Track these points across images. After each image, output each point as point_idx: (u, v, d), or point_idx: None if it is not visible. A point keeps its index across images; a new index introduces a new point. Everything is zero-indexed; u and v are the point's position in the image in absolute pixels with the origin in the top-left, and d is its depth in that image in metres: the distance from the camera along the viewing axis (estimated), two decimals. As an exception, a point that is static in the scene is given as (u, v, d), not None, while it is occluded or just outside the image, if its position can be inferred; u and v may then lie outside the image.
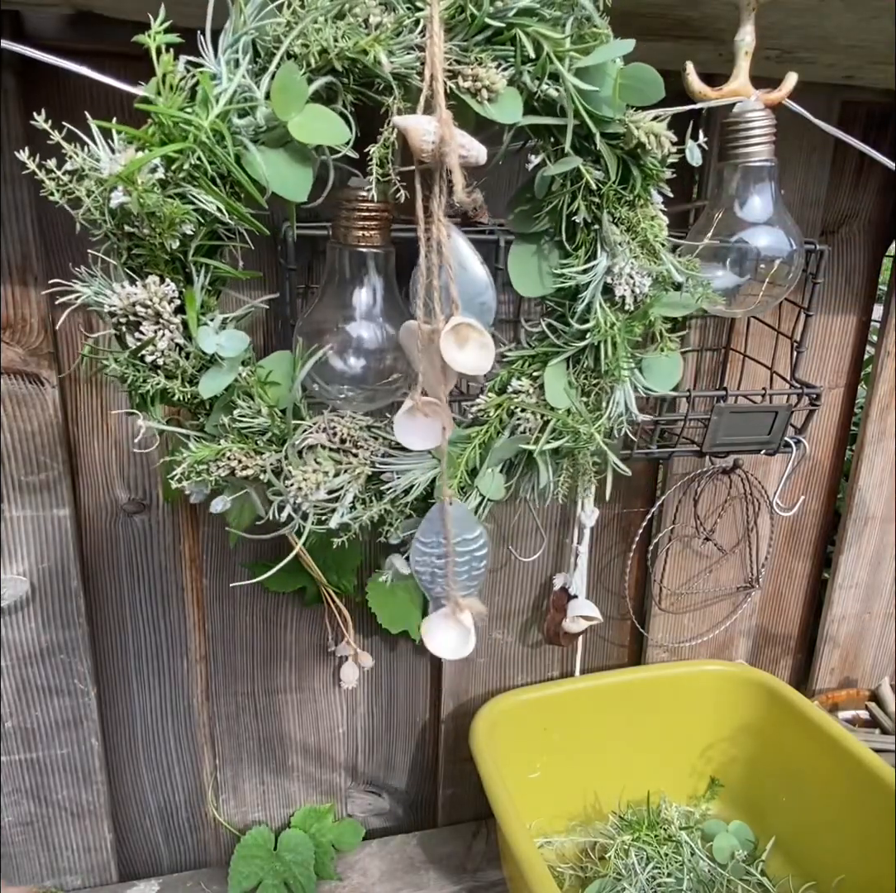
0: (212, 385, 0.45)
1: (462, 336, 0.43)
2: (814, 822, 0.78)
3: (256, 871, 0.76)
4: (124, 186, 0.39)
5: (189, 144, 0.39)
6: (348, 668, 0.75)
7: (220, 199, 0.41)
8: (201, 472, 0.46)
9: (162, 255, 0.42)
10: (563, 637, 0.81)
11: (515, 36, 0.40)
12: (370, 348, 0.50)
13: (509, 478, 0.52)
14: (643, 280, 0.46)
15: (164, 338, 0.44)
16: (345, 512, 0.49)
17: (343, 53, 0.39)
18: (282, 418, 0.47)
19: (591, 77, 0.42)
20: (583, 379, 0.49)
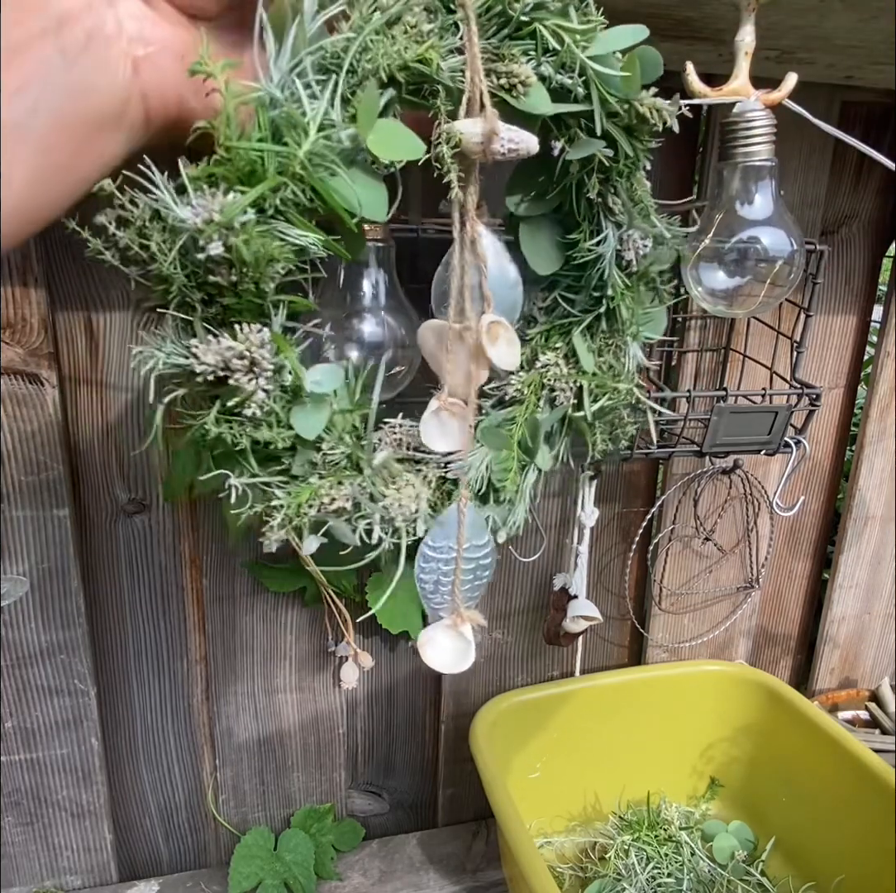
0: (310, 425, 0.43)
1: (493, 334, 0.44)
2: (814, 822, 0.78)
3: (256, 871, 0.76)
4: (221, 233, 0.36)
5: (282, 179, 0.37)
6: (348, 668, 0.75)
7: (314, 232, 0.39)
8: (294, 518, 0.44)
9: (254, 300, 0.39)
10: (563, 637, 0.81)
11: (535, 30, 0.41)
12: (373, 342, 0.50)
13: (552, 447, 0.53)
14: (645, 242, 0.48)
15: (259, 387, 0.41)
16: (427, 518, 0.48)
17: (406, 64, 0.39)
18: (358, 441, 0.45)
19: (603, 63, 0.43)
20: (599, 342, 0.52)
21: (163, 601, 0.74)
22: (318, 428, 0.43)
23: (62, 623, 0.70)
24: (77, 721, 0.73)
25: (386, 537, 0.47)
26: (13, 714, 0.72)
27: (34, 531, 0.66)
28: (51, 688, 0.72)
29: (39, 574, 0.68)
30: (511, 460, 0.50)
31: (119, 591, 0.73)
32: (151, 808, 0.81)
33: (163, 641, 0.75)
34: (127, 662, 0.75)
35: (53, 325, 0.63)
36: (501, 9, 0.40)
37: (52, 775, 0.75)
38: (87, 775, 0.76)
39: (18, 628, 0.69)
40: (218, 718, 0.79)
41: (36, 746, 0.73)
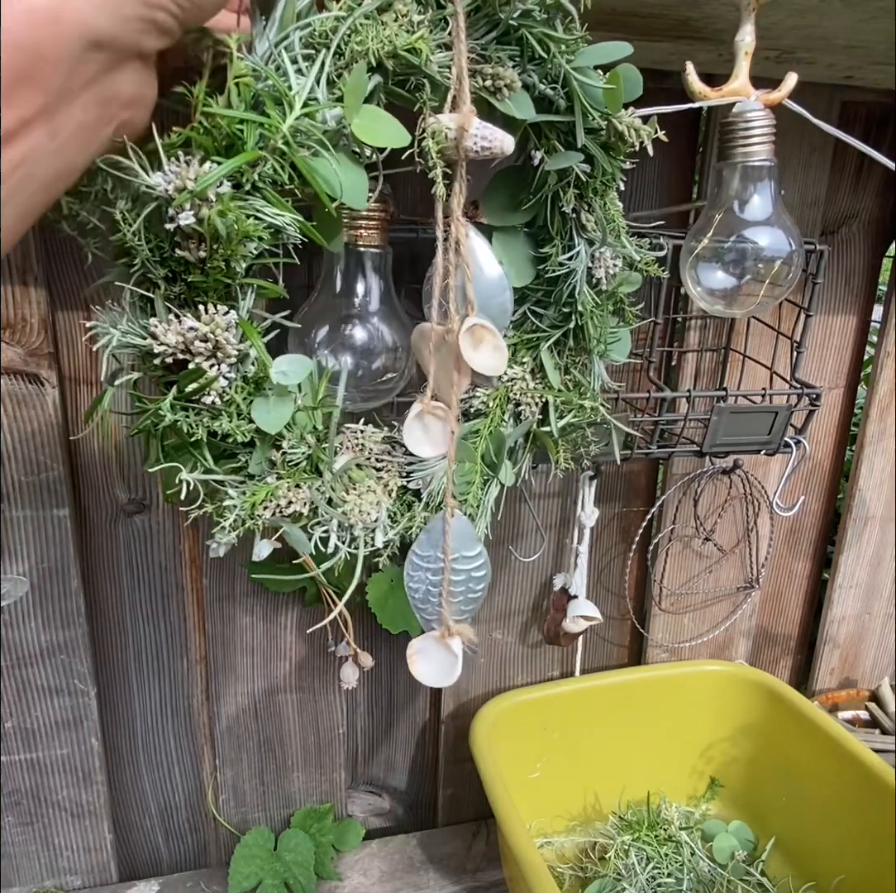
0: (272, 419, 0.41)
1: (477, 338, 0.43)
2: (814, 822, 0.78)
3: (256, 871, 0.76)
4: (194, 203, 0.34)
5: (262, 153, 0.36)
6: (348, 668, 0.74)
7: (289, 212, 0.37)
8: (247, 519, 0.42)
9: (222, 279, 0.37)
10: (563, 637, 0.81)
11: (522, 36, 0.41)
12: (366, 348, 0.50)
13: (515, 463, 0.53)
14: (616, 261, 0.49)
15: (220, 374, 0.39)
16: (385, 528, 0.47)
17: (395, 51, 0.38)
18: (321, 443, 0.44)
19: (586, 76, 0.43)
20: (565, 358, 0.52)
21: (163, 601, 0.74)
22: (280, 423, 0.41)
23: (62, 623, 0.70)
24: (77, 721, 0.73)
25: (343, 545, 0.45)
26: (13, 714, 0.72)
27: (34, 531, 0.66)
28: (51, 688, 0.72)
29: (39, 574, 0.68)
30: (474, 474, 0.49)
31: (119, 591, 0.73)
32: (151, 808, 0.81)
33: (163, 641, 0.75)
34: (127, 662, 0.75)
35: (53, 325, 0.63)
36: (490, 10, 0.40)
37: (52, 775, 0.75)
38: (87, 775, 0.76)
39: (18, 628, 0.69)
40: (218, 718, 0.79)
41: (36, 746, 0.73)
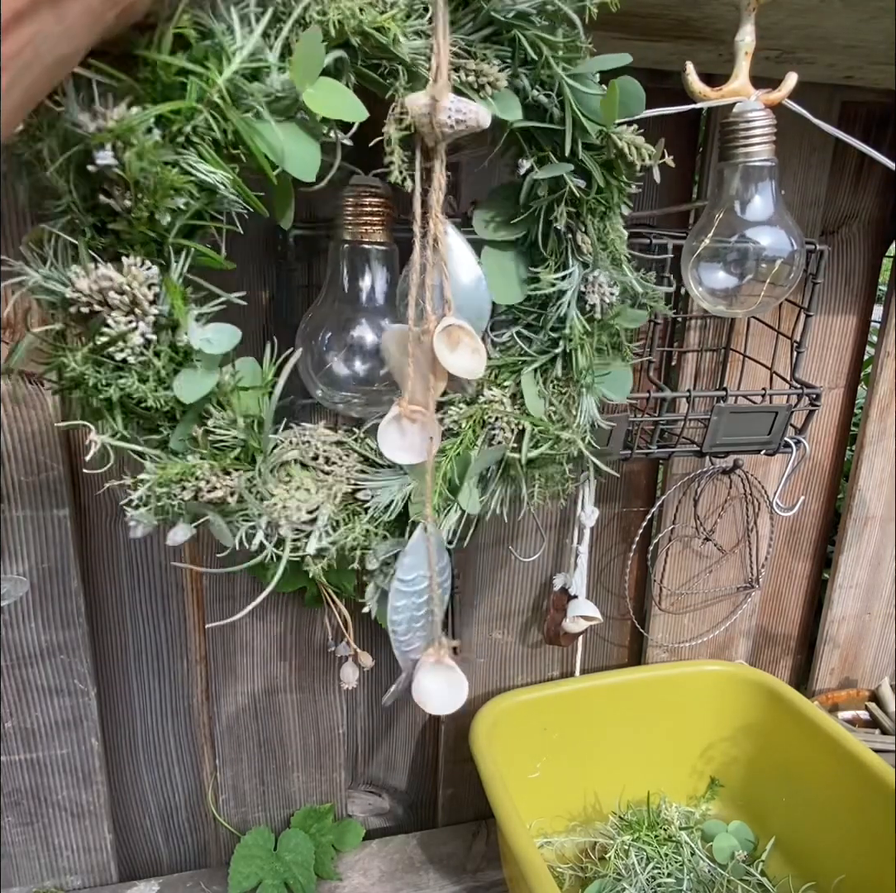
0: (192, 389, 0.39)
1: (454, 340, 0.42)
2: (814, 822, 0.78)
3: (256, 871, 0.76)
4: (115, 145, 0.33)
5: (196, 104, 0.34)
6: (348, 668, 0.74)
7: (225, 170, 0.36)
8: (161, 496, 0.40)
9: (145, 231, 0.36)
10: (563, 637, 0.81)
11: (514, 37, 0.40)
12: (373, 349, 0.49)
13: (483, 492, 0.50)
14: (612, 289, 0.47)
15: (136, 332, 0.37)
16: (322, 535, 0.44)
17: (360, 27, 0.37)
18: (258, 431, 0.42)
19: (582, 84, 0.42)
20: (551, 387, 0.49)
21: (163, 601, 0.74)
22: (198, 393, 0.39)
23: (62, 623, 0.70)
24: (77, 721, 0.73)
25: (269, 545, 0.43)
26: (13, 714, 0.72)
27: (34, 531, 0.66)
28: (51, 688, 0.72)
29: (39, 574, 0.68)
30: (433, 495, 0.47)
31: (119, 591, 0.72)
32: (151, 808, 0.81)
33: (163, 641, 0.75)
34: (127, 662, 0.75)
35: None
36: (478, 5, 0.39)
37: (52, 775, 0.75)
38: (87, 775, 0.76)
39: (18, 628, 0.69)
40: (218, 718, 0.79)
41: (36, 746, 0.73)
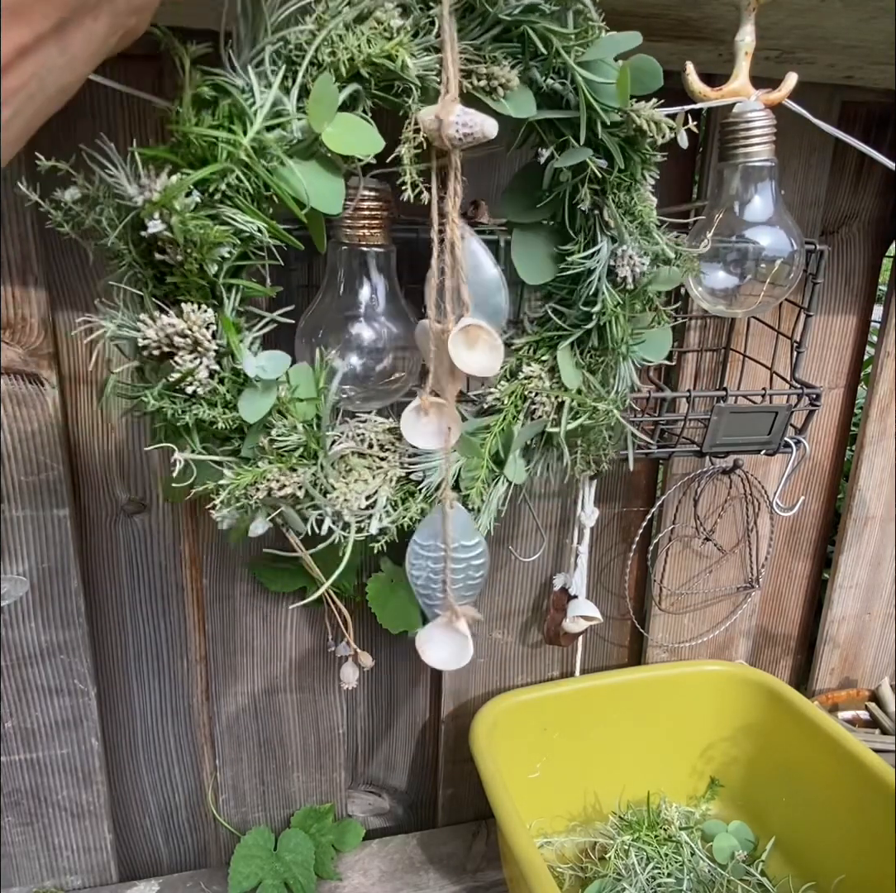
0: (254, 409, 0.44)
1: (472, 337, 0.44)
2: (814, 822, 0.78)
3: (256, 871, 0.76)
4: (162, 213, 0.37)
5: (227, 164, 0.38)
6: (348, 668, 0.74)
7: (260, 219, 0.40)
8: (240, 497, 0.45)
9: (198, 281, 0.40)
10: (563, 637, 0.81)
11: (524, 33, 0.41)
12: (372, 348, 0.50)
13: (528, 462, 0.53)
14: (642, 260, 0.48)
15: (201, 366, 0.42)
16: (382, 516, 0.49)
17: (370, 59, 0.39)
18: (316, 431, 0.46)
19: (595, 70, 0.43)
20: (588, 358, 0.51)
21: (163, 601, 0.74)
22: (260, 413, 0.44)
23: (62, 623, 0.70)
24: (77, 721, 0.73)
25: (336, 529, 0.48)
26: (13, 714, 0.72)
27: (34, 531, 0.66)
28: (51, 688, 0.72)
29: (39, 574, 0.68)
30: (480, 469, 0.51)
31: (119, 591, 0.73)
32: (151, 808, 0.81)
33: (163, 641, 0.75)
34: (127, 662, 0.75)
35: (53, 325, 0.63)
36: (483, 9, 0.40)
37: (52, 775, 0.75)
38: (87, 775, 0.76)
39: (18, 628, 0.69)
40: (218, 718, 0.79)
41: (36, 746, 0.73)
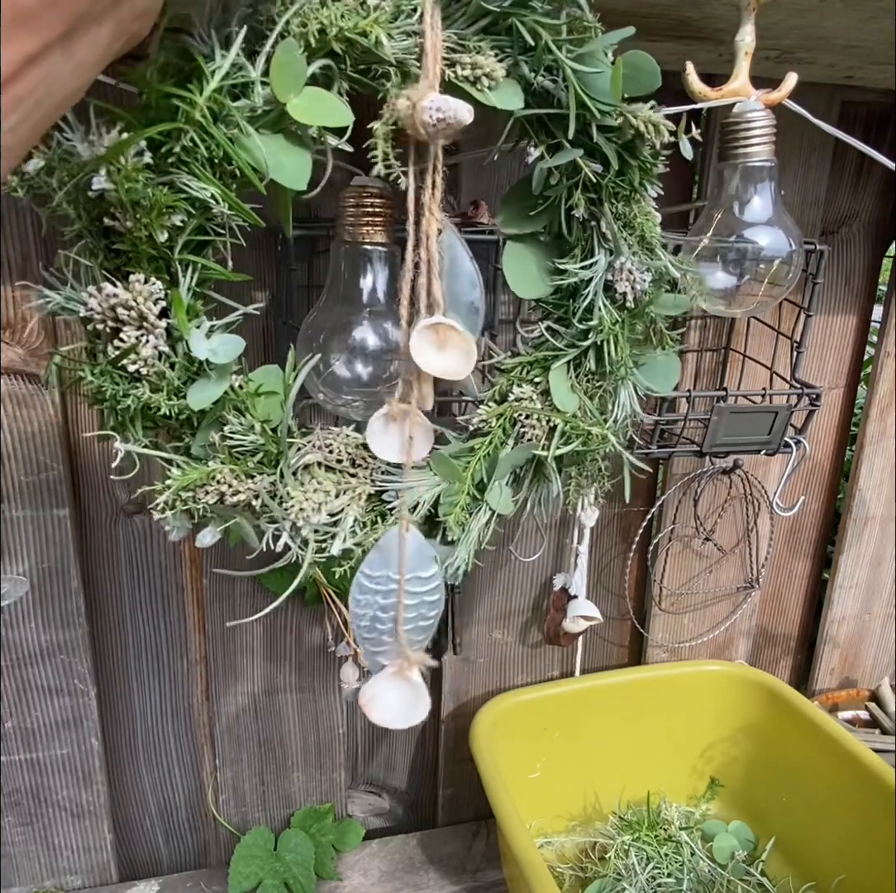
0: (202, 397, 0.41)
1: (442, 338, 0.41)
2: (814, 822, 0.78)
3: (256, 871, 0.76)
4: (109, 170, 0.35)
5: (181, 125, 0.36)
6: (348, 668, 0.74)
7: (215, 185, 0.38)
8: (187, 500, 0.42)
9: (147, 250, 0.38)
10: (563, 637, 0.81)
11: (512, 25, 0.40)
12: (376, 352, 0.49)
13: (516, 491, 0.49)
14: (643, 276, 0.45)
15: (147, 345, 0.39)
16: (346, 536, 0.44)
17: (342, 34, 0.37)
18: (276, 435, 0.43)
19: (587, 64, 0.41)
20: (585, 382, 0.48)
21: (163, 601, 0.74)
22: (208, 400, 0.41)
23: (62, 623, 0.70)
24: (77, 721, 0.73)
25: (294, 545, 0.43)
26: (13, 714, 0.72)
27: (34, 531, 0.66)
28: (51, 688, 0.72)
29: (39, 574, 0.68)
30: (461, 495, 0.46)
31: (119, 591, 0.72)
32: (151, 808, 0.81)
33: (163, 641, 0.75)
34: (127, 662, 0.75)
35: (53, 325, 0.63)
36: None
37: (52, 775, 0.75)
38: (87, 775, 0.76)
39: (18, 628, 0.69)
40: (218, 718, 0.79)
41: (36, 746, 0.73)
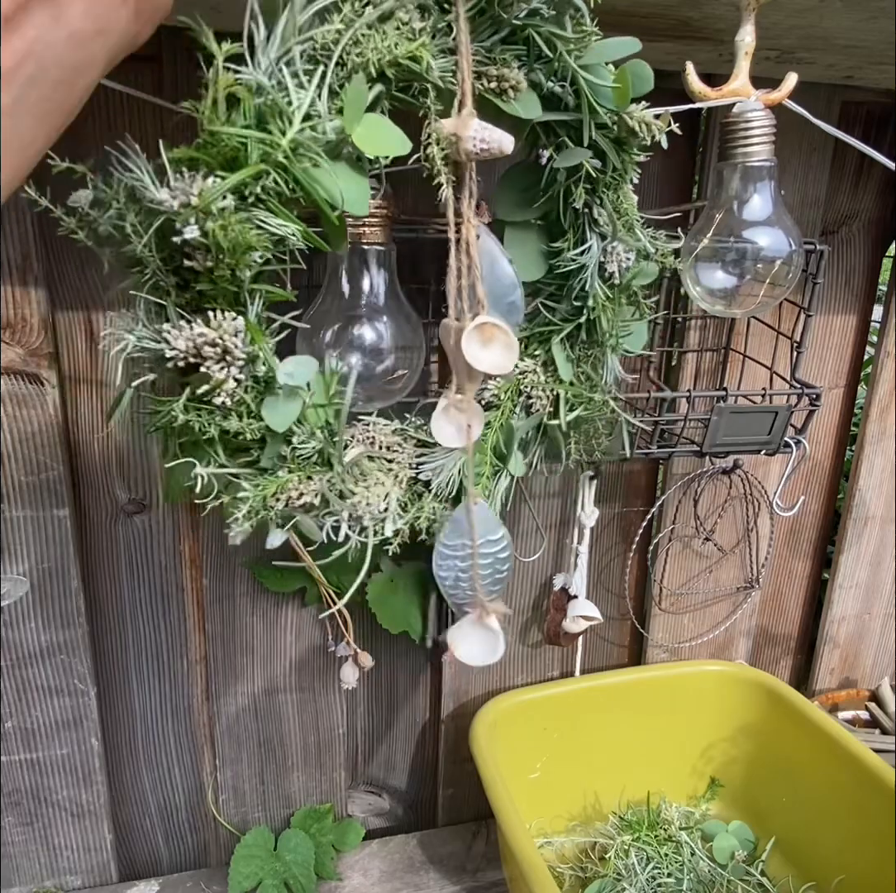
0: (280, 419, 0.43)
1: (487, 335, 0.44)
2: (814, 822, 0.78)
3: (256, 871, 0.76)
4: (198, 217, 0.36)
5: (264, 167, 0.37)
6: (348, 668, 0.74)
7: (294, 222, 0.39)
8: (260, 510, 0.44)
9: (228, 287, 0.39)
10: (563, 637, 0.81)
11: (528, 36, 0.42)
12: (374, 347, 0.50)
13: (526, 454, 0.54)
14: (628, 255, 0.50)
15: (230, 377, 0.41)
16: (395, 518, 0.49)
17: (396, 60, 0.39)
18: (330, 437, 0.45)
19: (596, 74, 0.44)
20: (578, 351, 0.53)
21: (163, 601, 0.74)
22: (288, 421, 0.43)
23: (62, 623, 0.70)
24: (77, 721, 0.73)
25: (353, 534, 0.47)
26: (13, 714, 0.72)
27: (34, 531, 0.66)
28: (51, 688, 0.72)
29: (39, 574, 0.68)
30: (484, 465, 0.52)
31: (119, 591, 0.73)
32: (151, 808, 0.81)
33: (163, 641, 0.75)
34: (127, 662, 0.75)
35: (53, 325, 0.63)
36: (494, 12, 0.41)
37: (52, 775, 0.75)
38: (87, 775, 0.76)
39: (18, 628, 0.69)
40: (218, 718, 0.79)
41: (36, 746, 0.73)
